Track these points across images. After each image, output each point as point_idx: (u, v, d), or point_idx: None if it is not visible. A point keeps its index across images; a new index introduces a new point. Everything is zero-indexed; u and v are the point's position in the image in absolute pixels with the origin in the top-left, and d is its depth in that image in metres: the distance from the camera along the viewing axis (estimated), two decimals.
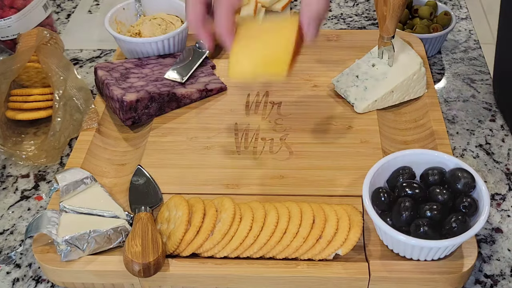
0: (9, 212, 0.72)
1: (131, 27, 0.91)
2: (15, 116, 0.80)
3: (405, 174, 0.62)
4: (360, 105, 0.78)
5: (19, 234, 0.69)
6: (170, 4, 0.94)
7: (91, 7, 1.13)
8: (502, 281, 0.63)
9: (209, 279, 0.59)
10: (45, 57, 0.80)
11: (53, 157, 0.77)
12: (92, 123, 0.78)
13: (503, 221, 0.69)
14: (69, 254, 0.59)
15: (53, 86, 0.78)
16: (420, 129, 0.77)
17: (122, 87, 0.79)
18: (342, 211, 0.62)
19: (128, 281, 0.60)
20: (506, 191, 0.73)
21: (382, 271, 0.58)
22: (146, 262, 0.56)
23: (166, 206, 0.64)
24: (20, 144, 0.80)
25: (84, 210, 0.64)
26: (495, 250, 0.66)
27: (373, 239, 0.62)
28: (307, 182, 0.70)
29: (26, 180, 0.76)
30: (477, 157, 0.77)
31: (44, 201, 0.73)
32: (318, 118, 0.79)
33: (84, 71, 0.96)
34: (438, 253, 0.58)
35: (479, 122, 0.83)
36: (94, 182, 0.68)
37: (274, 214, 0.61)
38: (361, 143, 0.75)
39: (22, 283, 0.64)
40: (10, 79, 0.79)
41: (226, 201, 0.63)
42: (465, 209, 0.59)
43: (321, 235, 0.59)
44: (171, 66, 0.85)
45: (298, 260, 0.60)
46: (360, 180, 0.63)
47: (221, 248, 0.59)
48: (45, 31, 0.86)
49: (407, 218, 0.58)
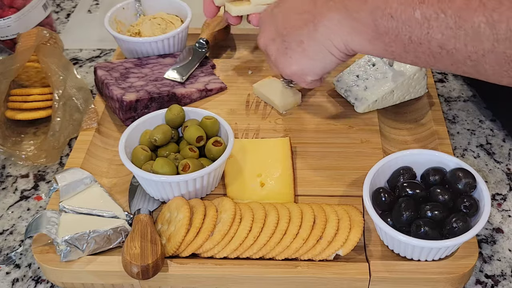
0: (9, 212, 0.72)
1: (131, 27, 0.91)
2: (14, 116, 0.80)
3: (405, 174, 0.62)
4: (361, 105, 0.78)
5: (18, 234, 0.69)
6: (170, 3, 0.94)
7: (91, 6, 1.13)
8: (503, 281, 0.63)
9: (209, 280, 0.59)
10: (45, 57, 0.80)
11: (52, 157, 0.77)
12: (92, 123, 0.77)
13: (504, 221, 0.69)
14: (69, 254, 0.59)
15: (52, 86, 0.78)
16: (420, 129, 0.77)
17: (121, 87, 0.79)
18: (343, 212, 0.62)
19: (128, 282, 0.60)
20: (506, 191, 0.73)
21: (382, 272, 0.58)
22: (145, 264, 0.56)
23: (167, 207, 0.64)
24: (20, 144, 0.79)
25: (84, 210, 0.64)
26: (495, 250, 0.66)
27: (374, 239, 0.62)
28: (307, 182, 0.69)
29: (25, 180, 0.76)
30: (477, 157, 0.77)
31: (44, 201, 0.73)
32: (318, 118, 0.79)
33: (84, 71, 0.95)
34: (439, 253, 0.58)
35: (479, 122, 0.83)
36: (93, 182, 0.68)
37: (274, 215, 0.61)
38: (362, 143, 0.75)
39: (22, 283, 0.64)
40: (9, 79, 0.79)
41: (226, 201, 0.62)
42: (465, 209, 0.58)
43: (321, 236, 0.59)
44: (171, 65, 0.85)
45: (299, 261, 0.60)
46: (361, 180, 0.63)
47: (221, 249, 0.59)
48: (44, 30, 0.86)
49: (408, 218, 0.58)
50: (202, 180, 0.64)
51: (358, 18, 0.55)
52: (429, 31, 0.51)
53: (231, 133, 0.67)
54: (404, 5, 0.51)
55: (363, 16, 0.54)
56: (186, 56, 0.87)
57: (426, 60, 0.53)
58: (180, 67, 0.85)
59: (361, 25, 0.55)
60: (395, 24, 0.52)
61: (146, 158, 0.66)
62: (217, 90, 0.84)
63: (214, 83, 0.84)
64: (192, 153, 0.66)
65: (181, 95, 0.80)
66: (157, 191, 0.65)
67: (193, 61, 0.86)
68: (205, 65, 0.87)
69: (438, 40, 0.50)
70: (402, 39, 0.53)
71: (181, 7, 0.92)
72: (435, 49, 0.51)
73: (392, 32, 0.53)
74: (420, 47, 0.52)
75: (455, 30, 0.49)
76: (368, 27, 0.55)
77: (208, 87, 0.83)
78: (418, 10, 0.50)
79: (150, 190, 0.66)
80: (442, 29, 0.50)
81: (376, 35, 0.54)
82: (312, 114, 0.80)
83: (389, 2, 0.52)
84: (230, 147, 0.65)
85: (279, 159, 0.70)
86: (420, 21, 0.51)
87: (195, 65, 0.86)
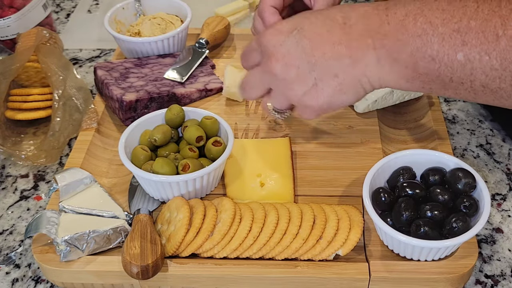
0: (9, 212, 0.72)
1: (131, 27, 0.91)
2: (14, 116, 0.80)
3: (405, 174, 0.62)
4: (360, 105, 0.78)
5: (18, 234, 0.69)
6: (169, 3, 0.94)
7: (91, 6, 1.13)
8: (502, 281, 0.63)
9: (209, 280, 0.59)
10: (45, 57, 0.80)
11: (52, 157, 0.77)
12: (92, 123, 0.77)
13: (504, 221, 0.69)
14: (69, 254, 0.59)
15: (52, 86, 0.78)
16: (420, 129, 0.77)
17: (121, 86, 0.79)
18: (343, 212, 0.62)
19: (128, 282, 0.60)
20: (506, 191, 0.73)
21: (382, 272, 0.58)
22: (145, 265, 0.56)
23: (167, 207, 0.64)
24: (20, 144, 0.79)
25: (84, 210, 0.64)
26: (495, 250, 0.66)
27: (374, 239, 0.62)
28: (307, 182, 0.69)
29: (25, 180, 0.76)
30: (477, 157, 0.77)
31: (44, 201, 0.73)
32: (318, 118, 0.79)
33: (84, 71, 0.95)
34: (439, 253, 0.58)
35: (479, 122, 0.83)
36: (93, 182, 0.68)
37: (274, 215, 0.61)
38: (361, 143, 0.75)
39: (22, 283, 0.64)
40: (9, 79, 0.79)
41: (226, 201, 0.62)
42: (465, 209, 0.58)
43: (321, 236, 0.59)
44: (171, 65, 0.85)
45: (298, 261, 0.60)
46: (360, 180, 0.63)
47: (220, 249, 0.59)
48: (44, 30, 0.86)
49: (408, 218, 0.58)
50: (202, 180, 0.64)
51: (398, 59, 0.52)
52: (472, 72, 0.49)
53: (231, 133, 0.67)
54: (446, 47, 0.49)
55: (403, 57, 0.52)
56: (186, 56, 0.87)
57: (466, 96, 0.52)
58: (180, 67, 0.85)
59: (401, 67, 0.53)
60: (437, 66, 0.50)
61: (146, 158, 0.66)
62: (217, 90, 0.84)
63: (214, 83, 0.84)
64: (192, 153, 0.66)
65: (181, 95, 0.80)
66: (157, 191, 0.65)
67: (193, 61, 0.86)
68: (205, 65, 0.87)
69: (481, 81, 0.49)
70: (442, 79, 0.51)
71: (181, 7, 0.92)
72: (478, 88, 0.50)
73: (433, 74, 0.51)
74: (462, 86, 0.51)
75: (500, 71, 0.48)
76: (408, 68, 0.52)
77: (208, 87, 0.83)
78: (461, 53, 0.49)
79: (150, 190, 0.66)
80: (486, 71, 0.48)
81: (416, 75, 0.52)
82: None
83: (429, 44, 0.50)
84: (230, 147, 0.65)
85: (279, 159, 0.70)
86: (463, 63, 0.49)
87: (195, 65, 0.86)
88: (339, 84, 0.55)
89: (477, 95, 0.51)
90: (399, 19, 0.52)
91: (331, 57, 0.55)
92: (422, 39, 0.50)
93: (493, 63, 0.48)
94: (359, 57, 0.54)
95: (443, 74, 0.51)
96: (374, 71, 0.54)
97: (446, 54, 0.49)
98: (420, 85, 0.53)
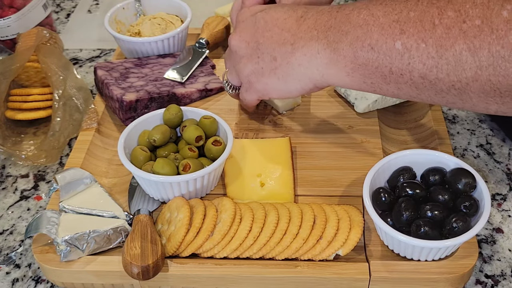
0: (9, 212, 0.72)
1: (131, 27, 0.91)
2: (14, 116, 0.80)
3: (405, 174, 0.62)
4: (361, 105, 0.78)
5: (18, 234, 0.69)
6: (170, 3, 0.94)
7: (91, 6, 1.13)
8: (503, 281, 0.63)
9: (209, 280, 0.59)
10: (45, 57, 0.80)
11: (52, 157, 0.77)
12: (92, 123, 0.77)
13: (504, 221, 0.69)
14: (69, 254, 0.59)
15: (52, 86, 0.78)
16: (420, 129, 0.77)
17: (121, 86, 0.79)
18: (343, 212, 0.62)
19: (128, 282, 0.60)
20: (506, 191, 0.73)
21: (382, 272, 0.58)
22: (145, 265, 0.56)
23: (167, 207, 0.64)
24: (20, 144, 0.79)
25: (84, 210, 0.64)
26: (495, 250, 0.66)
27: (374, 239, 0.62)
28: (307, 182, 0.69)
29: (25, 180, 0.76)
30: (477, 157, 0.77)
31: (44, 201, 0.73)
32: (318, 118, 0.79)
33: (84, 71, 0.95)
34: (439, 253, 0.58)
35: (479, 122, 0.83)
36: (93, 182, 0.68)
37: (274, 215, 0.61)
38: (362, 143, 0.75)
39: (22, 283, 0.64)
40: (9, 79, 0.79)
41: (226, 201, 0.62)
42: (465, 209, 0.58)
43: (321, 236, 0.59)
44: (171, 65, 0.85)
45: (298, 261, 0.60)
46: (361, 180, 0.63)
47: (221, 249, 0.59)
48: (44, 30, 0.86)
49: (408, 218, 0.58)
50: (202, 180, 0.64)
51: (337, 48, 0.54)
52: (410, 61, 0.50)
53: (230, 132, 0.67)
54: (385, 36, 0.51)
55: (342, 47, 0.54)
56: (186, 56, 0.87)
57: (408, 91, 0.53)
58: (180, 67, 0.85)
59: (339, 57, 0.54)
60: (376, 55, 0.52)
61: (146, 158, 0.66)
62: (217, 90, 0.84)
63: (214, 83, 0.84)
64: (191, 153, 0.66)
65: (181, 95, 0.80)
66: (157, 192, 0.65)
67: (193, 61, 0.86)
68: (205, 65, 0.87)
69: (419, 71, 0.50)
70: (382, 71, 0.52)
71: (181, 7, 0.92)
72: (417, 80, 0.51)
73: (372, 64, 0.52)
74: (402, 78, 0.51)
75: (437, 60, 0.48)
76: (346, 59, 0.54)
77: (208, 87, 0.83)
78: (399, 41, 0.50)
79: (150, 190, 0.66)
80: (423, 59, 0.49)
81: (355, 66, 0.54)
82: (312, 114, 0.80)
83: (369, 33, 0.52)
84: (230, 146, 0.65)
85: (279, 159, 0.70)
86: (401, 51, 0.50)
87: (195, 65, 0.86)
88: (275, 68, 0.60)
89: (419, 90, 0.52)
90: (346, 13, 0.55)
91: (276, 40, 0.59)
92: (363, 29, 0.52)
93: (429, 50, 0.48)
94: (299, 46, 0.57)
95: (382, 64, 0.52)
96: (313, 62, 0.56)
97: (385, 42, 0.51)
98: (361, 79, 0.55)
